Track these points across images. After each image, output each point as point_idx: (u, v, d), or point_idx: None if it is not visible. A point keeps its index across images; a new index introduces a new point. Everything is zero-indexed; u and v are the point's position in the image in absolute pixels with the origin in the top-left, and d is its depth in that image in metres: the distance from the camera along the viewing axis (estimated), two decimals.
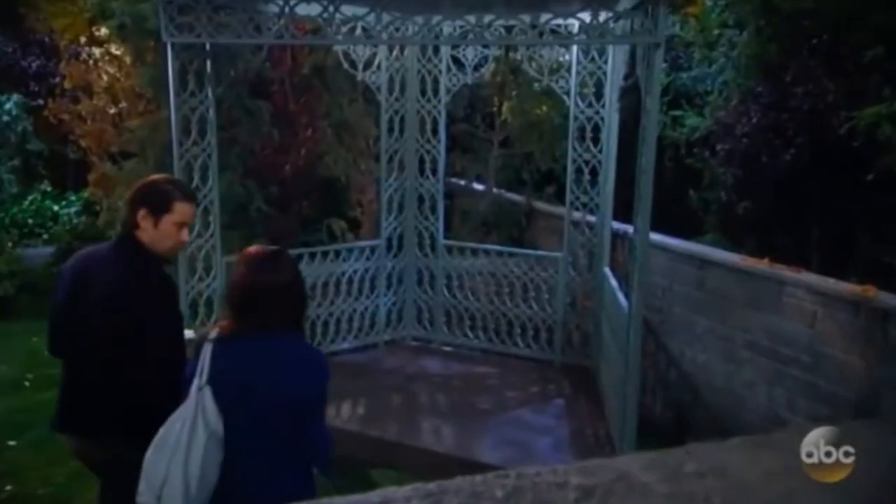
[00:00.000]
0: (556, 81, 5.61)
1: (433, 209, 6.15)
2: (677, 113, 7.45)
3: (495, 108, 8.85)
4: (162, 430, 2.07)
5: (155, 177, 2.65)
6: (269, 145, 6.43)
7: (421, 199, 6.19)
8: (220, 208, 5.17)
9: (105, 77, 8.42)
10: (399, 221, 6.19)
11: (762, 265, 4.79)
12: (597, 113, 5.48)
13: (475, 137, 8.94)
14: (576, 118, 5.54)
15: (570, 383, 5.57)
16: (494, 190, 8.72)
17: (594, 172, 5.57)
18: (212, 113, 4.92)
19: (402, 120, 6.01)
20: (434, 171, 6.07)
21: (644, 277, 3.74)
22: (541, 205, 8.21)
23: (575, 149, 5.57)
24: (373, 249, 6.09)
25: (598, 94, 5.47)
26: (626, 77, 5.04)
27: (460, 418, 4.82)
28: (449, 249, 6.20)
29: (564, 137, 6.31)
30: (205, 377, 2.08)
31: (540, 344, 5.92)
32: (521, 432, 4.71)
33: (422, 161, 6.10)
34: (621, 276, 5.77)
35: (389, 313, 6.26)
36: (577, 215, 5.73)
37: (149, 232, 2.50)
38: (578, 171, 5.60)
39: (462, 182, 8.99)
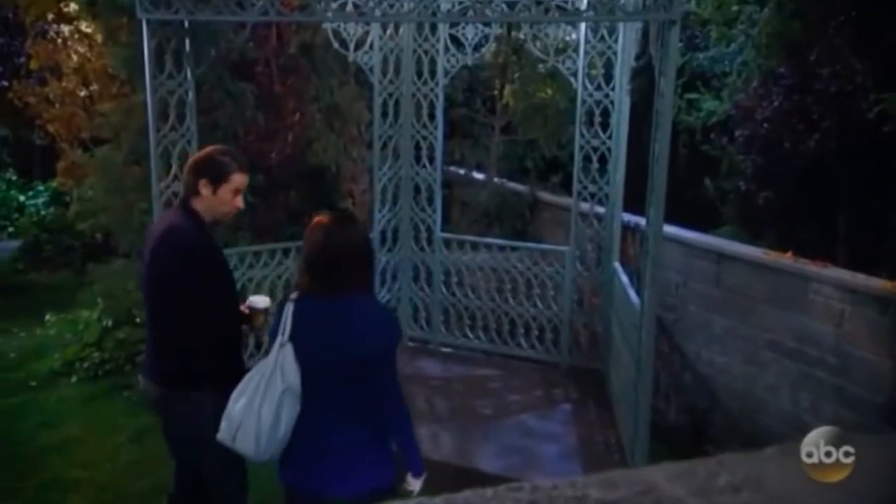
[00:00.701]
0: (563, 62, 5.59)
1: (430, 200, 6.15)
2: (693, 96, 7.44)
3: (497, 92, 8.84)
4: (244, 379, 2.47)
5: (211, 149, 3.05)
6: (253, 131, 6.40)
7: (417, 190, 6.18)
8: None
9: (75, 57, 8.37)
10: (393, 213, 6.18)
11: (785, 259, 4.78)
12: (606, 96, 5.48)
13: (475, 123, 8.94)
14: (583, 102, 5.53)
15: (578, 387, 5.57)
16: (496, 179, 8.72)
17: (603, 160, 5.57)
18: (191, 96, 4.89)
19: (396, 104, 6.00)
20: (431, 159, 6.07)
21: (657, 273, 3.72)
22: (546, 195, 8.21)
23: (582, 135, 5.56)
24: None
25: (608, 76, 5.46)
26: (637, 57, 5.02)
27: (459, 424, 4.82)
28: (447, 243, 6.19)
29: (571, 122, 6.32)
30: (286, 334, 2.44)
31: (545, 345, 5.93)
32: (524, 439, 4.70)
33: (418, 148, 6.10)
34: (632, 271, 5.76)
35: None
36: (584, 206, 5.72)
37: (208, 199, 2.91)
38: (586, 158, 5.61)
39: (461, 171, 8.99)
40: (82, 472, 4.57)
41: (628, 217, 5.94)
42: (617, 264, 5.48)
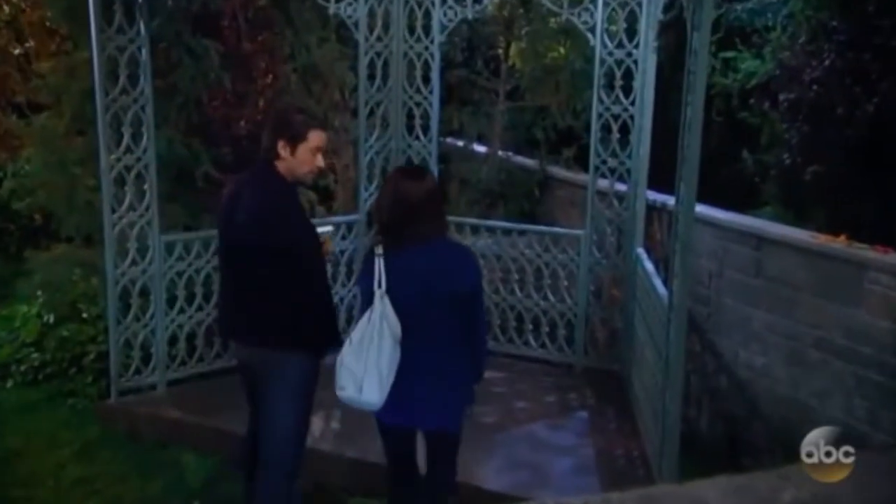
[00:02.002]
0: (578, 15, 5.57)
1: None
2: (730, 55, 7.41)
3: (501, 51, 8.80)
4: (356, 334, 3.04)
5: (284, 107, 3.56)
6: (218, 96, 6.35)
7: (409, 164, 6.13)
8: (158, 174, 5.15)
9: (6, 8, 8.28)
10: None
11: (837, 244, 4.77)
12: (629, 55, 5.46)
13: (476, 87, 8.90)
14: (602, 62, 5.51)
15: (595, 392, 5.58)
16: (500, 153, 8.70)
17: (625, 130, 5.56)
18: (145, 54, 4.86)
19: (385, 64, 5.97)
20: (425, 130, 6.05)
21: (688, 260, 3.71)
22: (558, 171, 8.19)
23: (601, 100, 5.55)
24: (350, 226, 6.08)
25: (631, 32, 5.44)
26: (665, 9, 4.99)
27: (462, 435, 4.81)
28: None
29: (588, 86, 6.26)
30: (384, 286, 3.02)
31: (557, 343, 5.93)
32: (534, 452, 4.71)
33: (410, 116, 6.08)
34: (658, 258, 5.74)
35: None
36: (603, 183, 5.71)
37: (287, 160, 3.33)
38: (605, 128, 5.59)
39: (460, 143, 8.96)
40: (20, 491, 4.57)
41: (654, 195, 5.92)
42: (640, 250, 5.47)
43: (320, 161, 3.38)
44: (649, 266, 5.08)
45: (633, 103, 5.48)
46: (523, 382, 5.71)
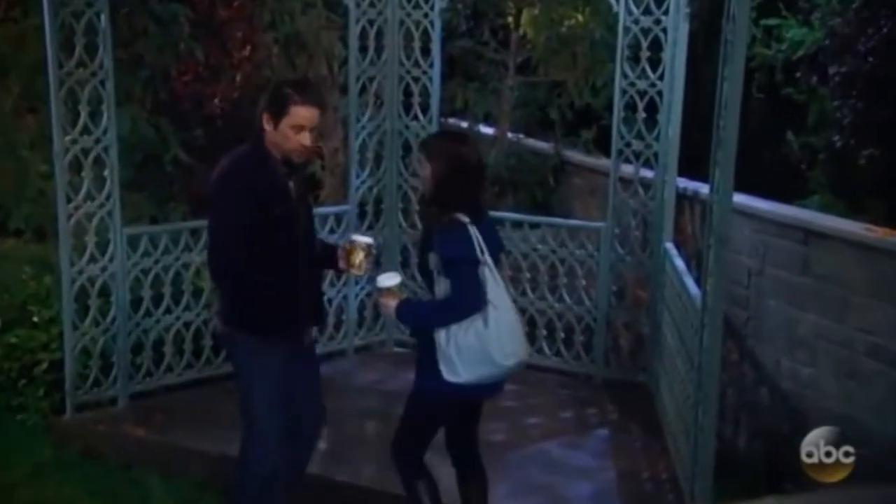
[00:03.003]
0: None
1: None
2: (773, 22, 7.36)
3: (511, 18, 8.74)
4: (499, 300, 3.49)
5: (288, 78, 3.64)
6: (189, 69, 6.35)
7: (406, 148, 6.15)
8: (121, 159, 5.14)
9: None
10: (376, 179, 6.15)
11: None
12: (657, 23, 5.42)
13: (483, 60, 8.86)
14: (627, 30, 5.49)
15: (618, 406, 5.56)
16: (510, 135, 8.67)
17: (652, 108, 5.53)
18: (105, 21, 4.83)
19: (379, 34, 5.95)
20: (424, 108, 6.04)
21: (724, 256, 3.68)
22: (575, 155, 8.16)
23: (625, 75, 5.53)
24: (339, 218, 6.05)
25: None
26: None
27: None
28: None
29: (611, 59, 6.24)
30: (486, 254, 3.47)
31: (574, 351, 5.92)
32: (548, 475, 4.69)
33: (407, 93, 6.07)
34: (690, 254, 5.71)
35: (362, 308, 6.23)
36: (627, 169, 5.69)
37: (271, 134, 3.53)
38: (630, 106, 5.57)
39: (464, 123, 8.94)
40: None
41: (684, 183, 5.88)
42: (670, 245, 5.44)
43: (305, 139, 3.50)
44: (679, 263, 5.05)
45: (661, 78, 5.45)
46: (536, 396, 5.70)
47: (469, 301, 3.45)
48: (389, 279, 3.63)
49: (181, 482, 4.74)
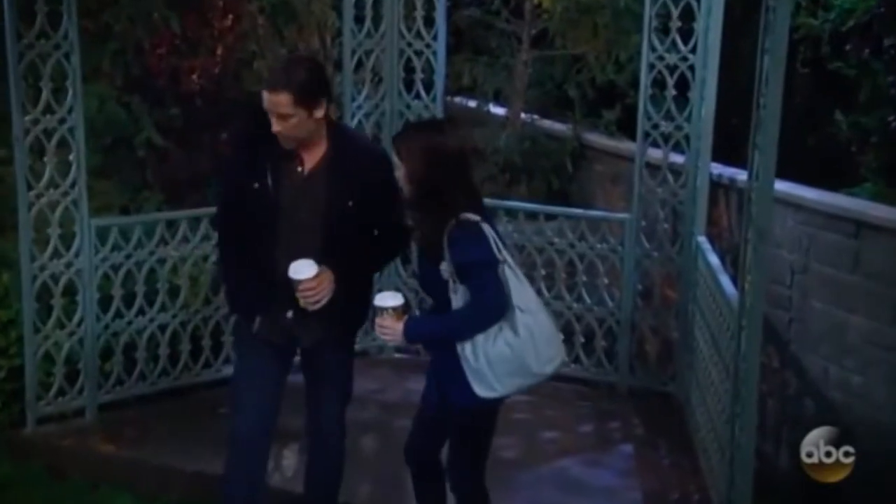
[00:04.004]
0: None
1: None
2: None
3: None
4: (531, 304, 3.56)
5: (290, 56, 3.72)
6: (164, 41, 6.33)
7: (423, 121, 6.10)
8: (88, 141, 5.13)
9: None
10: None
11: None
12: None
13: (493, 32, 8.83)
14: None
15: (643, 419, 5.57)
16: (523, 115, 8.64)
17: (683, 85, 5.51)
18: None
19: (376, 3, 5.95)
20: (428, 86, 6.04)
21: (764, 252, 3.66)
22: (597, 138, 8.13)
23: (653, 48, 5.52)
24: None
25: None
26: None
27: None
28: None
29: (637, 30, 6.20)
30: (503, 252, 3.51)
31: (595, 357, 5.92)
32: (566, 495, 4.70)
33: (409, 69, 6.07)
34: (725, 249, 5.68)
35: None
36: (654, 154, 5.69)
37: None
38: (658, 83, 5.56)
39: (472, 103, 8.92)
40: None
41: (719, 169, 5.87)
42: (702, 239, 5.43)
43: (276, 125, 3.56)
44: (714, 259, 5.04)
45: (693, 51, 5.43)
46: (552, 407, 5.69)
47: (494, 306, 3.45)
48: (390, 298, 3.58)
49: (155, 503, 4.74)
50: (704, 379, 4.92)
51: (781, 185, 4.77)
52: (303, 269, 3.57)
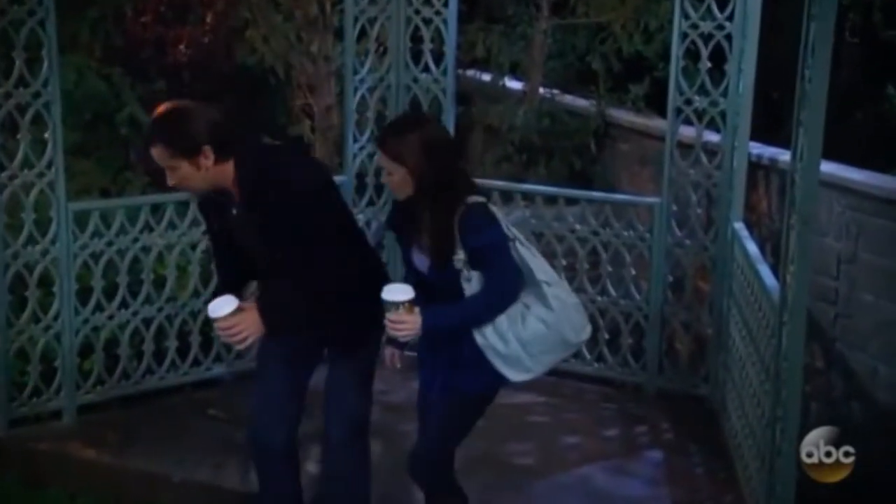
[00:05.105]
0: None
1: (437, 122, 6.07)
2: None
3: None
4: (551, 276, 3.77)
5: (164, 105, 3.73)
6: (149, 8, 6.32)
7: (415, 106, 6.12)
8: (65, 118, 5.14)
9: None
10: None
11: None
12: None
13: None
14: None
15: (674, 424, 5.56)
16: (542, 90, 8.62)
17: (718, 56, 5.49)
18: None
19: None
20: (438, 58, 6.03)
21: (808, 240, 3.66)
22: (623, 115, 8.13)
23: (686, 15, 5.49)
24: None
25: None
26: None
27: (485, 482, 4.73)
28: None
29: None
30: (512, 228, 3.75)
31: (620, 356, 5.93)
32: None
33: (416, 39, 6.06)
34: (765, 237, 5.64)
35: None
36: (687, 132, 5.67)
37: None
38: (691, 54, 5.55)
39: (486, 76, 8.89)
40: None
41: (759, 149, 5.87)
42: (739, 225, 5.42)
43: (167, 179, 3.72)
44: (752, 248, 5.01)
45: (731, 18, 5.39)
46: (573, 410, 5.70)
47: (512, 286, 3.64)
48: (400, 292, 3.61)
49: None
50: (741, 380, 4.90)
51: (827, 167, 4.75)
52: (219, 307, 3.67)
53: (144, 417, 5.34)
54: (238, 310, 3.67)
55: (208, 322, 5.57)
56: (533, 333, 3.63)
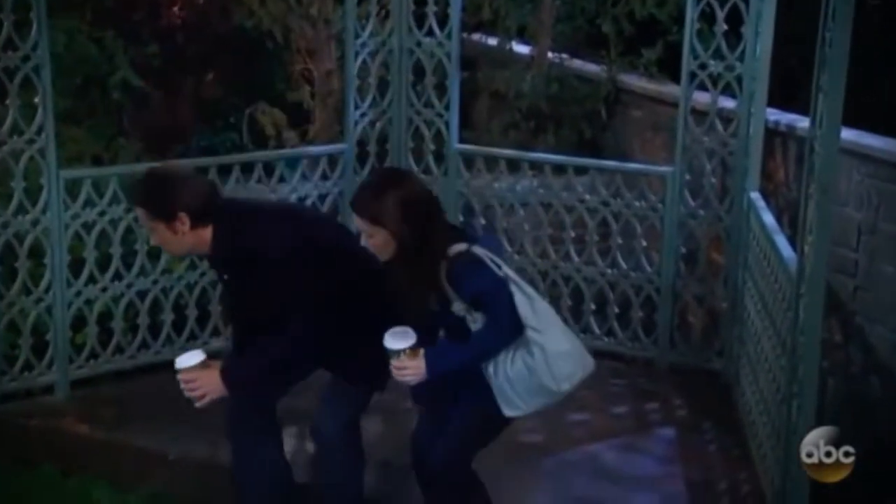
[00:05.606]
0: None
1: (440, 89, 6.08)
2: None
3: None
4: (550, 317, 3.82)
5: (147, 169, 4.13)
6: None
7: (419, 71, 6.14)
8: (55, 82, 5.12)
9: None
10: (380, 111, 6.17)
11: None
12: None
13: None
14: None
15: (686, 400, 5.58)
16: (551, 54, 8.59)
17: (735, 18, 5.46)
18: None
19: None
20: (442, 21, 6.03)
21: (828, 210, 3.65)
22: (634, 80, 8.09)
23: None
24: (333, 161, 6.08)
25: None
26: None
27: (491, 462, 4.70)
28: (468, 161, 6.16)
29: None
30: (504, 267, 3.76)
31: (631, 330, 5.94)
32: (597, 485, 4.72)
33: (420, 1, 6.07)
34: (782, 207, 5.63)
35: None
36: (701, 98, 5.67)
37: None
38: (706, 16, 5.53)
39: (493, 40, 8.87)
40: None
41: (776, 115, 5.83)
42: (755, 195, 5.41)
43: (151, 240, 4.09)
44: (768, 219, 5.01)
45: None
46: (582, 386, 5.57)
47: (510, 324, 3.70)
48: (401, 338, 3.72)
49: (135, 495, 4.77)
50: (756, 354, 4.91)
51: (848, 134, 4.71)
52: (185, 359, 3.83)
53: (139, 393, 5.35)
54: (203, 364, 3.82)
55: (205, 294, 5.63)
56: (517, 373, 3.73)
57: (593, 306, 5.97)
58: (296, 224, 4.04)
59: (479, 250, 3.72)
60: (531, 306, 3.73)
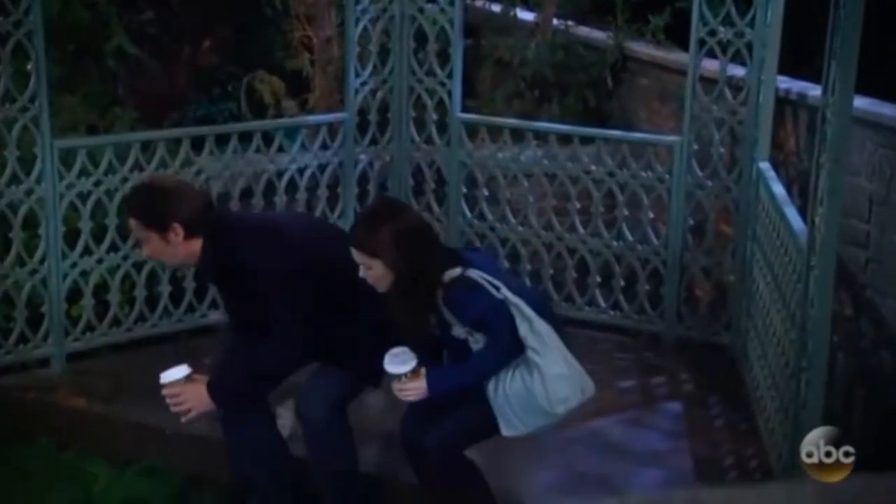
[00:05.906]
0: None
1: (443, 57, 6.09)
2: None
3: None
4: (550, 338, 3.87)
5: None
6: None
7: (421, 38, 6.13)
8: (48, 49, 5.12)
9: None
10: (380, 79, 6.16)
11: None
12: None
13: None
14: None
15: (693, 374, 5.59)
16: (556, 21, 8.56)
17: None
18: None
19: None
20: None
21: (840, 180, 3.66)
22: (641, 48, 8.06)
23: None
24: (334, 130, 6.10)
25: None
26: None
27: (496, 437, 4.77)
28: (471, 130, 6.16)
29: None
30: (503, 288, 3.85)
31: (637, 303, 5.96)
32: (604, 461, 4.76)
33: None
34: (792, 177, 5.63)
35: None
36: (710, 65, 5.67)
37: None
38: None
39: (496, 7, 8.84)
40: None
41: (787, 83, 5.82)
42: (765, 165, 5.41)
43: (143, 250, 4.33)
44: (779, 189, 5.01)
45: None
46: (588, 360, 5.47)
47: (510, 344, 3.82)
48: (401, 361, 3.84)
49: (132, 470, 4.79)
50: (765, 328, 4.93)
51: (860, 102, 4.71)
52: (170, 374, 3.98)
53: (136, 366, 5.33)
54: (188, 378, 3.95)
55: None
56: (515, 392, 3.84)
57: (599, 279, 5.97)
58: (286, 244, 4.10)
59: (474, 273, 3.84)
60: (530, 328, 3.82)
